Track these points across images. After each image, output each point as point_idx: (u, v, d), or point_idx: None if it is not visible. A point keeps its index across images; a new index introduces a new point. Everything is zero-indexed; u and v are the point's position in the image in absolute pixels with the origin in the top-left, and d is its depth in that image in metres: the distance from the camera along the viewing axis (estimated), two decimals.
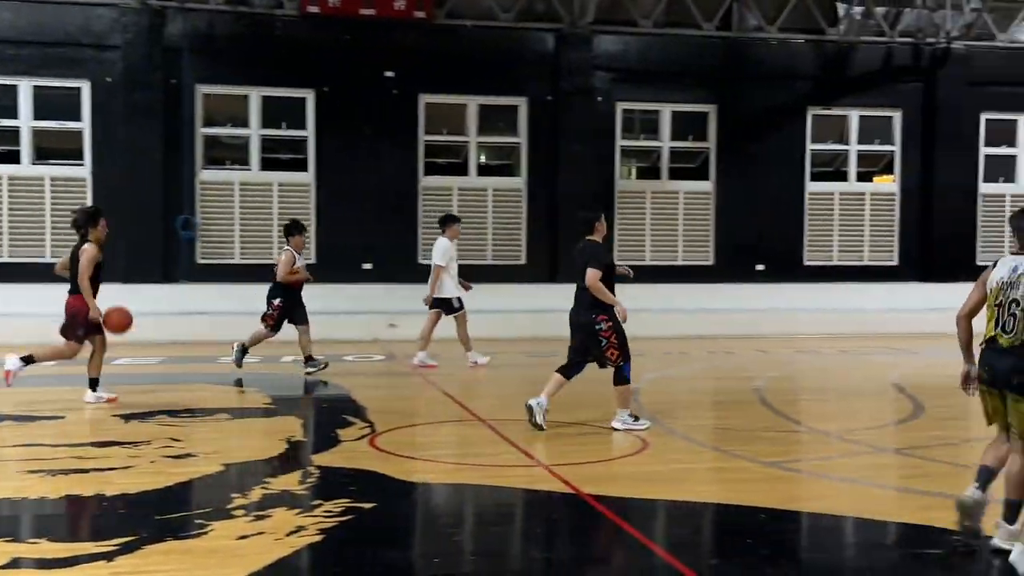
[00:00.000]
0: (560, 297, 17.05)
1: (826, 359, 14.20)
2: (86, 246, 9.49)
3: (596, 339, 8.58)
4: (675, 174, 18.21)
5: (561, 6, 17.40)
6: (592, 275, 8.45)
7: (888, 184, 18.64)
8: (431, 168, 17.62)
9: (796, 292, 17.17)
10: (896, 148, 18.49)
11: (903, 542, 5.90)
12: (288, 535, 5.52)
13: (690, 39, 17.98)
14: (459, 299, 12.63)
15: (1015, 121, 18.76)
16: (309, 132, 16.90)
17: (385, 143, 16.98)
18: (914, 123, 18.39)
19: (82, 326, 9.45)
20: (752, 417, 9.66)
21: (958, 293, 18.11)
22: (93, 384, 9.76)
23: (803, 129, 18.21)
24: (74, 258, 9.50)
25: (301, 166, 17.00)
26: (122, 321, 9.57)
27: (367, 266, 16.73)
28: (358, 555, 5.30)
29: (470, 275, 13.11)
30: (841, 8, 18.64)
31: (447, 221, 12.83)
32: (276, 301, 11.61)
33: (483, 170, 17.83)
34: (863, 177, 18.61)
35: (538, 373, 12.33)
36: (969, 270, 18.28)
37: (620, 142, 17.97)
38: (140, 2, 16.06)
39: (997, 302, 5.48)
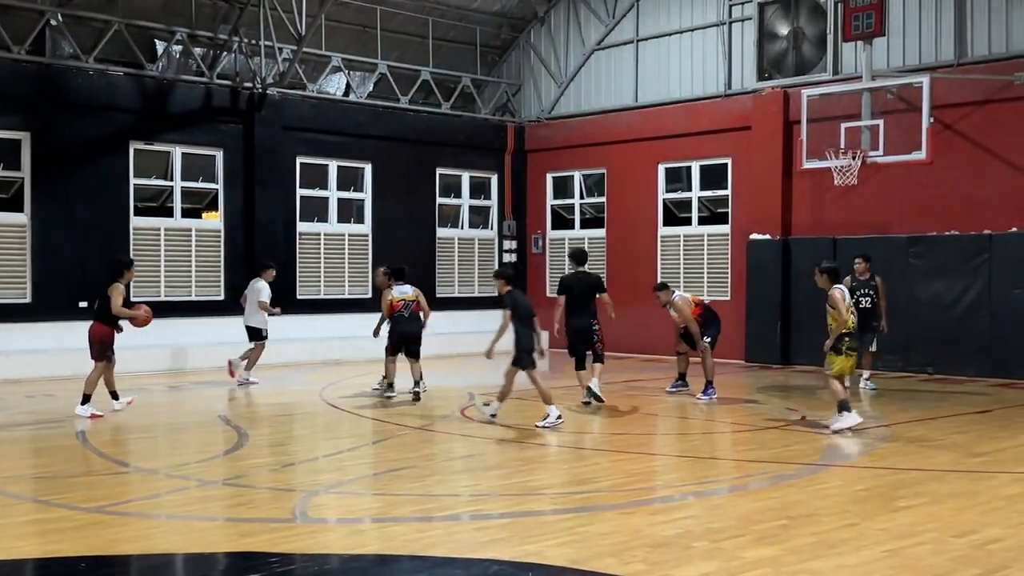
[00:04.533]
0: None
1: (154, 396, 14.04)
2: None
3: (591, 337, 12.53)
4: None
5: None
6: (607, 296, 12.75)
7: (214, 221, 19.07)
8: None
9: (125, 330, 16.71)
10: (220, 186, 19.00)
11: (228, 571, 6.05)
12: None
13: None
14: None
15: (326, 166, 20.46)
16: None
17: None
18: (236, 163, 19.08)
19: (110, 347, 11.98)
20: (75, 462, 9.21)
21: (280, 324, 18.74)
22: (86, 399, 11.77)
23: (126, 163, 17.85)
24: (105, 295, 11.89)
25: None
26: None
27: None
28: None
29: None
30: (160, 45, 18.71)
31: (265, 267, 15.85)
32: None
33: None
34: (189, 213, 18.80)
35: None
36: (290, 304, 19.44)
37: None
38: None
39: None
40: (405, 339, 13.45)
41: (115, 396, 12.21)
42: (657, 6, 20.92)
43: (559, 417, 10.97)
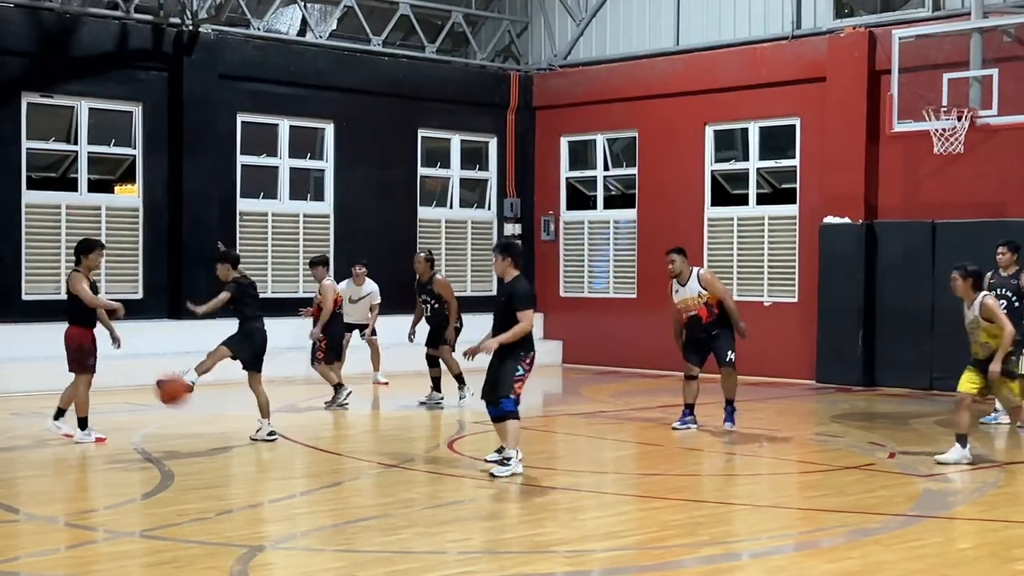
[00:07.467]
0: None
1: (50, 423, 14.04)
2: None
3: None
4: None
5: None
6: None
7: (130, 196, 19.09)
8: None
9: (14, 335, 16.77)
10: (138, 152, 19.02)
11: None
12: None
13: None
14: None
15: (276, 126, 20.45)
16: None
17: None
18: (159, 121, 19.09)
19: (92, 354, 12.26)
20: None
21: (212, 332, 19.27)
22: (83, 423, 12.26)
23: (17, 121, 17.86)
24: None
25: None
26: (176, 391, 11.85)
27: None
28: None
29: None
30: None
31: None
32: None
33: None
34: (98, 187, 18.79)
35: None
36: (225, 304, 19.40)
37: None
38: None
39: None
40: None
41: (83, 424, 12.30)
42: None
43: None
